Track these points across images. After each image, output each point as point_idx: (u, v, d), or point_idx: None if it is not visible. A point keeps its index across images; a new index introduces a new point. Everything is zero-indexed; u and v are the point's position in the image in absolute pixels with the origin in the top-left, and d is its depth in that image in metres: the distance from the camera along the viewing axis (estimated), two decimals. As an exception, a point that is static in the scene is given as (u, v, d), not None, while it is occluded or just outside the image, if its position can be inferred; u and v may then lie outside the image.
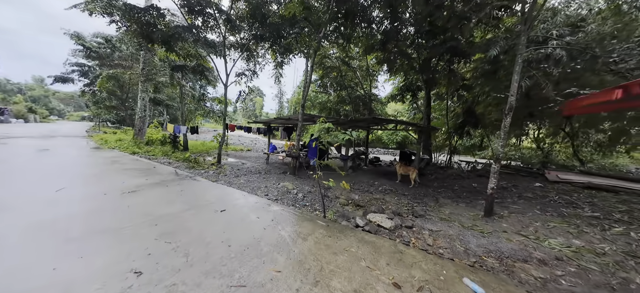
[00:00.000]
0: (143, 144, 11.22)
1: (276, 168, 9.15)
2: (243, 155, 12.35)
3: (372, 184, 7.21)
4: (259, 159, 11.12)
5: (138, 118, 12.06)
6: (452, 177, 8.10)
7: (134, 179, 5.42)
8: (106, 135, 14.86)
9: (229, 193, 4.88)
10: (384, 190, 6.54)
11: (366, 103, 11.43)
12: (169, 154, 9.31)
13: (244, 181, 6.29)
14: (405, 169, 7.06)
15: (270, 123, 9.81)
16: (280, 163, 10.13)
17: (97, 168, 6.62)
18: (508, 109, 3.79)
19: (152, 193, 4.49)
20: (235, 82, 9.47)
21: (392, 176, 8.45)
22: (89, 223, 3.10)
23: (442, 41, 8.57)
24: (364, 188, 6.72)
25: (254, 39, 8.71)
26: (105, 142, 11.81)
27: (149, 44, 7.60)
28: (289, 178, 7.27)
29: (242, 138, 25.83)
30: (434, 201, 5.44)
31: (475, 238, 3.30)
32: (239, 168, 8.52)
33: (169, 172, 6.45)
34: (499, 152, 3.96)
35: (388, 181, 7.70)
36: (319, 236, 3.07)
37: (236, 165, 9.20)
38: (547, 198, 5.33)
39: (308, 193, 5.64)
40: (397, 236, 3.33)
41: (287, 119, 9.22)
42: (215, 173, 7.12)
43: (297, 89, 32.80)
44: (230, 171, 7.73)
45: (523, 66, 3.77)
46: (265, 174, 7.51)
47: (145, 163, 7.57)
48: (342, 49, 11.26)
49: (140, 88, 12.06)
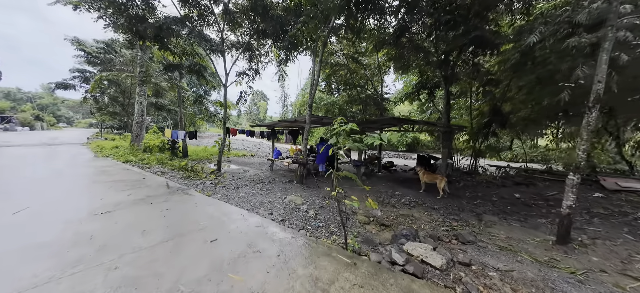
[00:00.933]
0: (140, 152, 10.51)
1: (281, 175, 8.26)
2: (246, 161, 11.52)
3: (393, 194, 6.23)
4: (262, 166, 10.26)
5: (135, 123, 11.39)
6: (483, 185, 7.05)
7: (115, 195, 4.59)
8: (105, 142, 14.28)
9: (225, 212, 3.99)
10: (409, 202, 5.55)
11: (378, 103, 10.48)
12: (164, 162, 8.53)
13: (244, 193, 5.41)
14: (431, 177, 6.07)
15: (274, 126, 8.99)
16: (286, 170, 9.24)
17: (80, 180, 5.84)
18: (593, 100, 2.80)
19: (129, 215, 3.63)
20: (235, 83, 8.67)
21: (412, 184, 7.45)
22: (21, 267, 2.24)
23: (464, 31, 7.60)
24: (384, 199, 5.75)
25: (255, 35, 7.91)
26: (100, 149, 11.15)
27: (140, 41, 6.85)
28: (295, 188, 6.35)
29: (246, 142, 25.15)
30: (475, 219, 4.43)
31: (569, 285, 2.30)
32: (241, 177, 7.66)
33: (159, 184, 5.62)
34: (579, 158, 2.95)
35: (409, 190, 6.70)
36: (346, 286, 2.13)
37: (237, 173, 8.35)
38: (627, 215, 4.26)
39: (320, 208, 4.71)
40: (456, 281, 2.35)
41: (292, 122, 8.36)
42: (212, 183, 6.26)
43: (301, 91, 32.11)
44: (230, 180, 6.87)
45: (613, 42, 2.77)
46: (269, 184, 6.61)
47: (136, 174, 6.77)
48: (351, 45, 10.38)
49: (137, 92, 11.41)
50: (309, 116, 6.90)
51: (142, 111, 11.43)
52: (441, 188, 5.72)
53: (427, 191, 6.28)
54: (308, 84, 29.80)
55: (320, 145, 9.81)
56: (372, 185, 7.31)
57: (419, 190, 6.44)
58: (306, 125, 6.97)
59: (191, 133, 10.30)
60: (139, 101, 11.36)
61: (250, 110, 61.10)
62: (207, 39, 6.70)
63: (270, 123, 9.08)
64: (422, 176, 6.22)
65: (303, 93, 27.21)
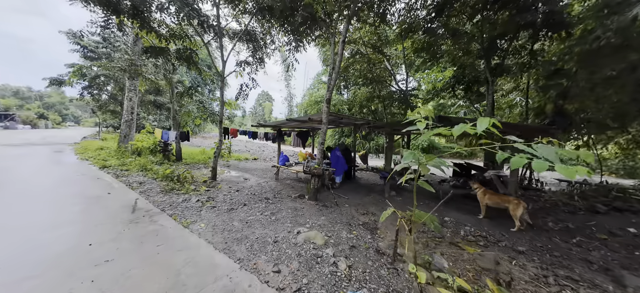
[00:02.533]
0: (128, 154, 9.12)
1: (288, 186, 6.68)
2: (247, 166, 10.00)
3: (442, 221, 4.56)
4: (266, 173, 8.71)
5: (123, 122, 10.03)
6: (560, 208, 5.29)
7: (39, 233, 3.08)
8: (94, 142, 13.05)
9: (202, 268, 2.42)
10: (472, 235, 3.88)
11: (404, 100, 8.82)
12: (147, 169, 7.05)
13: (239, 222, 3.82)
14: (499, 200, 4.36)
15: (280, 126, 7.46)
16: (294, 179, 7.66)
17: (22, 193, 4.38)
18: None
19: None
20: (236, 73, 7.15)
21: (459, 204, 5.75)
22: None
23: (521, 8, 5.86)
24: (423, 227, 4.10)
25: (259, 14, 6.38)
26: (85, 151, 9.84)
27: (116, 19, 5.40)
28: (309, 208, 4.74)
29: (250, 144, 23.72)
30: (609, 280, 2.72)
31: None
32: (239, 188, 6.11)
33: (123, 204, 4.10)
34: None
35: (461, 213, 5.01)
36: None
37: (236, 182, 6.81)
38: None
39: (351, 250, 3.09)
40: None
41: (303, 121, 6.79)
42: (199, 201, 4.72)
43: (307, 91, 30.60)
44: (224, 195, 5.31)
45: None
46: (274, 202, 5.03)
47: (103, 185, 5.30)
48: (374, 32, 8.76)
49: (127, 86, 10.06)
50: (327, 113, 5.30)
51: (131, 108, 10.07)
52: (518, 217, 4.01)
53: (490, 218, 4.58)
54: (316, 83, 28.25)
55: (334, 151, 8.22)
56: (405, 206, 5.65)
57: (478, 216, 4.75)
58: (322, 125, 5.37)
59: (183, 133, 8.84)
60: (128, 97, 10.00)
61: (256, 111, 60.10)
62: (196, 11, 5.19)
63: (276, 123, 7.54)
64: (483, 198, 4.52)
65: (310, 93, 25.68)
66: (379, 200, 5.90)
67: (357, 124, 6.78)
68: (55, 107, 55.46)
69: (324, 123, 5.36)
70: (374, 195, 6.34)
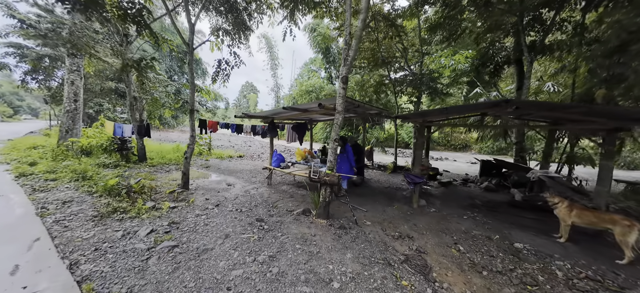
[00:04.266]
0: (72, 154, 6.97)
1: (286, 195, 5.10)
2: (231, 167, 8.21)
3: (511, 247, 3.23)
4: (255, 175, 7.02)
5: (64, 113, 7.76)
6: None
7: None
8: (31, 138, 10.48)
9: None
10: (577, 277, 2.57)
11: (421, 84, 7.36)
12: (86, 177, 5.08)
13: (214, 286, 2.19)
14: (594, 219, 3.08)
15: (274, 116, 5.77)
16: (291, 183, 6.07)
17: None
18: None
19: None
20: (211, 44, 5.29)
21: (505, 215, 4.49)
22: None
23: None
24: (490, 260, 2.76)
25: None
26: (12, 151, 7.50)
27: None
28: (323, 235, 3.20)
29: (235, 139, 21.48)
30: None
31: None
32: (219, 202, 4.44)
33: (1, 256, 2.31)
34: None
35: (527, 233, 3.73)
36: None
37: (215, 191, 5.10)
38: None
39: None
40: None
41: (304, 110, 5.11)
42: (154, 231, 3.01)
43: (296, 79, 28.59)
44: (196, 217, 3.61)
45: None
46: (270, 226, 3.44)
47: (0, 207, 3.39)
48: (386, 0, 7.16)
49: (67, 66, 7.75)
50: (343, 97, 3.72)
51: (75, 95, 7.80)
52: (630, 245, 2.77)
53: (575, 242, 3.32)
54: (306, 71, 26.32)
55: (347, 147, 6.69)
56: (445, 218, 4.29)
57: (554, 236, 3.48)
58: (337, 114, 3.79)
59: (142, 127, 6.83)
60: (69, 80, 7.71)
61: (240, 103, 56.82)
62: None
63: (267, 113, 5.79)
64: (569, 215, 3.23)
65: (300, 82, 23.75)
66: (406, 212, 4.51)
67: (374, 113, 5.28)
68: (5, 98, 48.51)
69: (339, 110, 3.78)
70: (398, 204, 4.94)
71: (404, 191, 5.85)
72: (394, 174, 8.17)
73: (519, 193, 5.25)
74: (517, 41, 6.83)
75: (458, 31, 7.50)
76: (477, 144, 22.63)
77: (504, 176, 6.20)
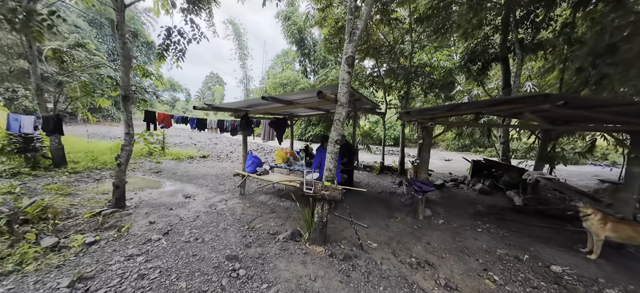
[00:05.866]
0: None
1: (266, 209, 3.99)
2: (191, 171, 6.65)
3: (538, 270, 2.72)
4: (223, 182, 5.68)
5: None
6: None
7: None
8: None
9: None
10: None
11: (414, 76, 6.77)
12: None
13: None
14: (633, 233, 2.71)
15: (249, 108, 4.51)
16: (270, 192, 4.93)
17: None
18: None
19: None
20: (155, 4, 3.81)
21: (514, 224, 4.11)
22: None
23: None
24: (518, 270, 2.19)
25: None
26: None
27: None
28: (325, 275, 2.23)
29: (197, 136, 18.78)
30: None
31: None
32: (170, 228, 3.14)
33: None
34: None
35: (553, 247, 3.30)
36: None
37: (166, 208, 3.73)
38: None
39: None
40: None
41: (289, 103, 3.92)
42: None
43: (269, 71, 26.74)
44: (125, 263, 2.28)
45: None
46: (244, 268, 2.34)
47: None
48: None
49: None
50: (347, 86, 2.78)
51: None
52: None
53: (607, 259, 2.95)
54: (280, 62, 24.65)
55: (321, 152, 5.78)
56: (457, 231, 3.69)
57: (580, 250, 3.08)
58: (339, 107, 2.84)
59: (46, 118, 4.91)
60: None
61: (204, 95, 51.88)
62: None
63: (240, 104, 4.44)
64: (602, 229, 2.83)
65: (273, 74, 22.07)
66: (413, 226, 3.82)
67: (368, 108, 4.46)
68: None
69: (342, 102, 2.82)
70: (399, 214, 4.24)
71: (402, 198, 5.20)
72: (381, 176, 7.58)
73: (517, 196, 5.00)
74: (503, 38, 6.70)
75: (446, 25, 7.13)
76: (444, 142, 23.99)
77: (496, 177, 6.01)
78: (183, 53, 3.93)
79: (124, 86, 3.46)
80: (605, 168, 12.04)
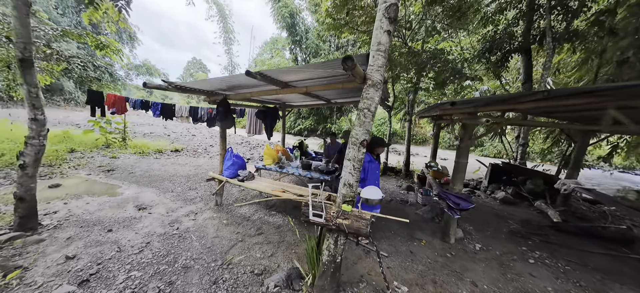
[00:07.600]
0: None
1: (248, 229, 2.88)
2: (155, 170, 5.32)
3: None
4: (193, 186, 4.45)
5: None
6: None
7: None
8: None
9: None
10: None
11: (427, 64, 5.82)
12: None
13: None
14: None
15: (228, 91, 3.32)
16: (258, 204, 3.81)
17: None
18: None
19: None
20: None
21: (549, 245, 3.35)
22: None
23: None
24: None
25: None
26: None
27: None
28: None
29: (173, 126, 16.78)
30: None
31: None
32: (100, 266, 1.91)
33: None
34: None
35: (609, 277, 2.51)
36: None
37: (100, 232, 2.46)
38: None
39: None
40: None
41: (285, 84, 2.80)
42: None
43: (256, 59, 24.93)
44: None
45: None
46: None
47: None
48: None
49: None
50: (385, 55, 1.71)
51: None
52: None
53: None
54: (269, 48, 22.92)
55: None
56: (497, 256, 2.83)
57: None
58: (369, 87, 1.77)
59: None
60: None
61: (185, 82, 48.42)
62: None
63: (217, 85, 3.21)
64: None
65: (261, 61, 20.40)
66: (445, 254, 2.89)
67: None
68: None
69: (376, 81, 1.76)
70: (422, 235, 3.32)
71: (417, 209, 4.29)
72: (384, 177, 6.68)
73: (551, 209, 4.27)
74: (527, 27, 5.91)
75: (462, 8, 6.21)
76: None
77: (517, 184, 5.29)
78: (128, 2, 2.66)
79: (21, 42, 2.15)
80: (604, 171, 12.03)
